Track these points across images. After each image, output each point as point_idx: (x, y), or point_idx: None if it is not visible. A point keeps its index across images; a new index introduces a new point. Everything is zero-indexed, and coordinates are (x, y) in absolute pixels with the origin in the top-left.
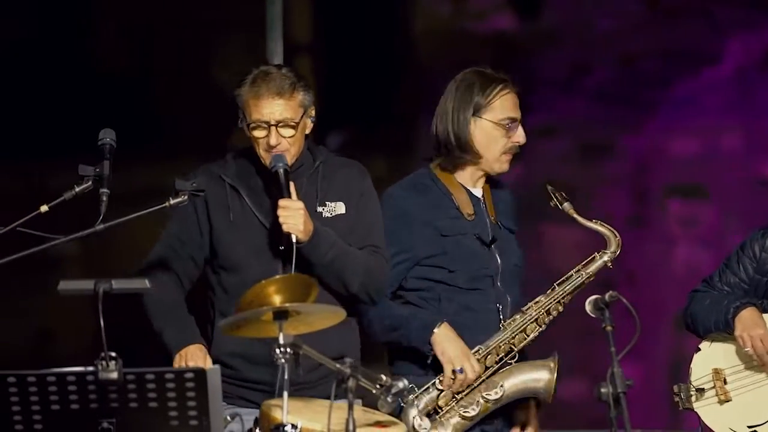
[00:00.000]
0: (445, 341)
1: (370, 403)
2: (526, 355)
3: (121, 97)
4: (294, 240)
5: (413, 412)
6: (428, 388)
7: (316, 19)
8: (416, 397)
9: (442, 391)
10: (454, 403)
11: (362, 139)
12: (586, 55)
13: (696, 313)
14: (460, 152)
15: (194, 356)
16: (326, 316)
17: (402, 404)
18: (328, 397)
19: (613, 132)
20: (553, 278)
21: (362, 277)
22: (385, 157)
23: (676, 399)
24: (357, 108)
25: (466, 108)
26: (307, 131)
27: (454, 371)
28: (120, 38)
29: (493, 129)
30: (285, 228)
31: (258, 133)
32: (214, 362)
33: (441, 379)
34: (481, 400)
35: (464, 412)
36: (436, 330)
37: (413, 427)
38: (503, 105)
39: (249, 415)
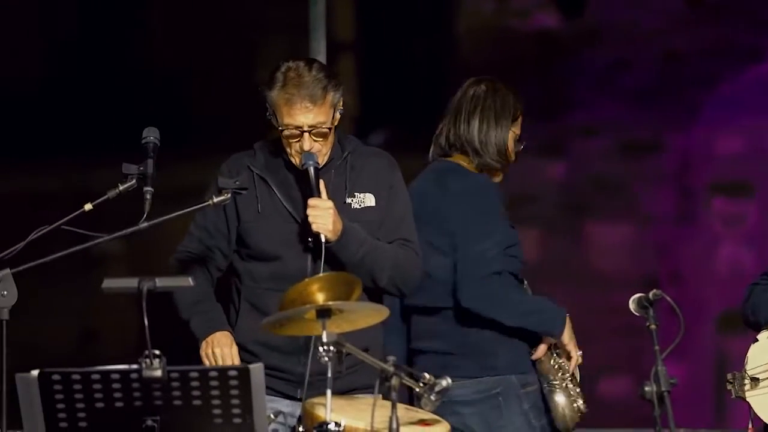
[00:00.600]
0: (569, 327)
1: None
2: None
3: (165, 95)
4: (323, 239)
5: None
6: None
7: (359, 18)
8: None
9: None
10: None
11: (404, 139)
12: (629, 53)
13: (757, 305)
14: (498, 158)
15: (220, 342)
16: (369, 313)
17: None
18: (354, 388)
19: (656, 130)
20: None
21: (391, 272)
22: (427, 155)
23: (729, 387)
24: (399, 107)
25: (507, 116)
26: (336, 124)
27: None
28: (164, 38)
29: (514, 142)
30: (314, 227)
31: (290, 138)
32: (239, 349)
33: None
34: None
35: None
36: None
37: (578, 408)
38: (521, 121)
39: (271, 402)
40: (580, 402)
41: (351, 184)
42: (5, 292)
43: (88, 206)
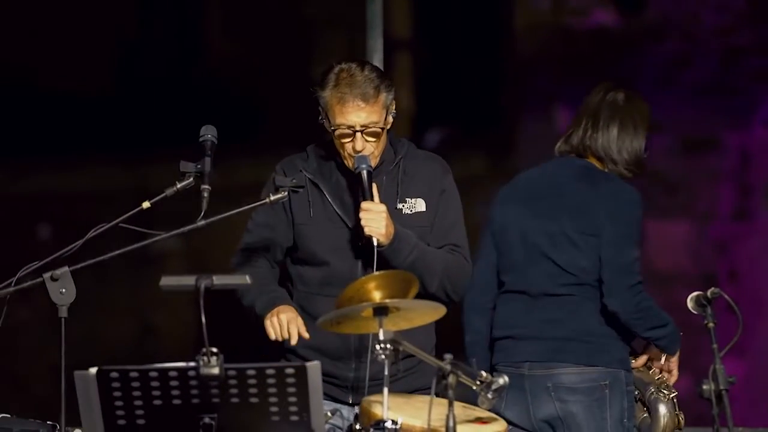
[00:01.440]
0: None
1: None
2: None
3: (223, 93)
4: (375, 243)
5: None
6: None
7: (416, 15)
8: (665, 395)
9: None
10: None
11: (462, 137)
12: (688, 49)
13: None
14: (632, 167)
15: (285, 311)
16: (426, 311)
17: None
18: (414, 390)
19: (716, 127)
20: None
21: (440, 277)
22: (484, 155)
23: None
24: (457, 105)
25: (645, 127)
26: (388, 127)
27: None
28: (222, 36)
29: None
30: (366, 231)
31: (343, 138)
32: (288, 352)
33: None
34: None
35: None
36: None
37: (680, 421)
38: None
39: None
40: (682, 416)
41: (403, 189)
42: (64, 290)
43: (146, 204)
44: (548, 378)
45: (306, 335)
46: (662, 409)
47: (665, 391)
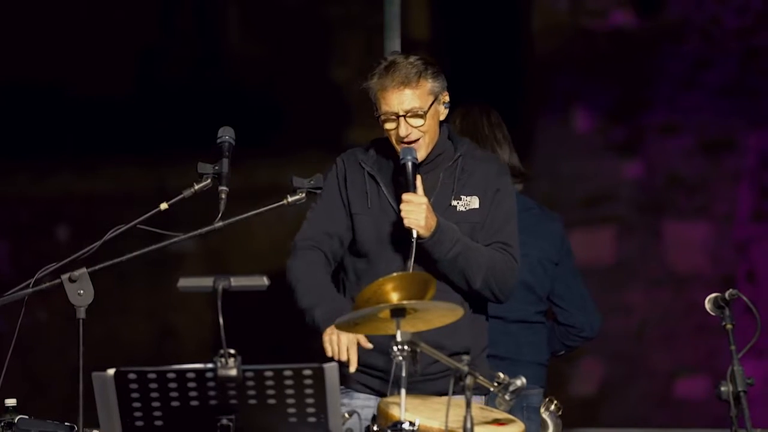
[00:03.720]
0: None
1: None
2: None
3: (242, 95)
4: (415, 235)
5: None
6: None
7: (433, 17)
8: None
9: None
10: None
11: None
12: (707, 50)
13: None
14: None
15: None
16: (444, 313)
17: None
18: (443, 393)
19: (734, 128)
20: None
21: (485, 274)
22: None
23: None
24: None
25: None
26: (441, 118)
27: None
28: (242, 38)
29: None
30: (406, 223)
31: (389, 125)
32: None
33: None
34: None
35: None
36: None
37: None
38: None
39: (366, 400)
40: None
41: (459, 185)
42: (82, 291)
43: (163, 205)
44: (524, 398)
45: (368, 345)
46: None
47: (555, 405)
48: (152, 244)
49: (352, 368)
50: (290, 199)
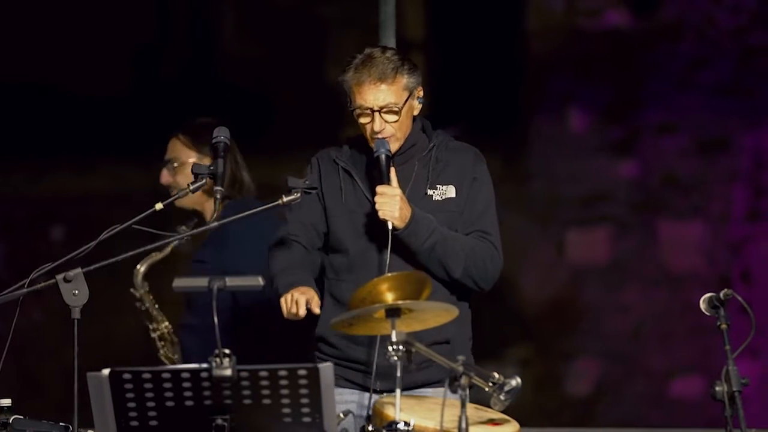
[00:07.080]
0: None
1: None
2: None
3: (238, 94)
4: (390, 227)
5: None
6: None
7: (429, 17)
8: None
9: None
10: None
11: (475, 137)
12: (702, 50)
13: None
14: None
15: (301, 290)
16: (439, 313)
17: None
18: (429, 383)
19: (730, 128)
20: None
21: (465, 263)
22: (498, 155)
23: None
24: (470, 106)
25: None
26: (415, 113)
27: None
28: (238, 38)
29: None
30: (380, 215)
31: (363, 119)
32: (317, 340)
33: None
34: None
35: None
36: None
37: None
38: None
39: (350, 395)
40: None
41: (434, 175)
42: (77, 291)
43: (159, 206)
44: None
45: (317, 310)
46: None
47: None
48: (147, 244)
49: (301, 312)
50: (285, 199)
